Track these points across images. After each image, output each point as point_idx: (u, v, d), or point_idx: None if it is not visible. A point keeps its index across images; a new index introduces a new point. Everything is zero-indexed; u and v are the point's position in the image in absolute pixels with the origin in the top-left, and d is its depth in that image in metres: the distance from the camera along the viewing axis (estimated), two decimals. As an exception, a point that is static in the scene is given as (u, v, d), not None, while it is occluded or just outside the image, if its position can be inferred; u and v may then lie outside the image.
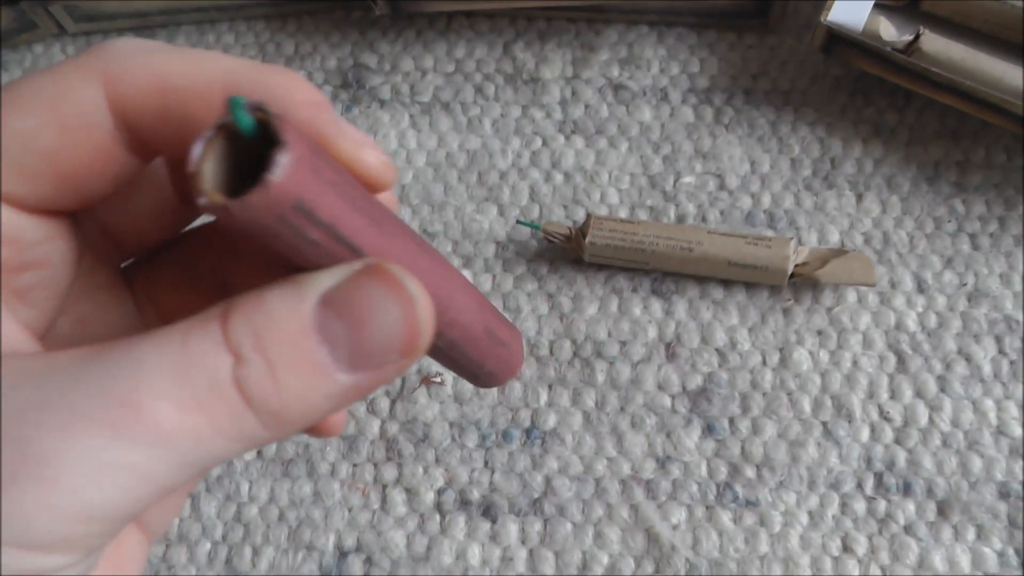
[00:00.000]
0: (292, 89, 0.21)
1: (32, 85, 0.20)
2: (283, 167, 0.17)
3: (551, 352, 0.46)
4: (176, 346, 0.19)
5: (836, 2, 0.47)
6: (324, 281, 0.19)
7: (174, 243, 0.26)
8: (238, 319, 0.19)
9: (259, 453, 0.45)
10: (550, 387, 0.46)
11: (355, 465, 0.45)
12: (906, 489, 0.43)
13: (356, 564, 0.43)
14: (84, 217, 0.24)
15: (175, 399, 0.18)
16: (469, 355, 0.24)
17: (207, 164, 0.18)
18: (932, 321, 0.46)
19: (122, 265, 0.26)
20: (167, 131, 0.21)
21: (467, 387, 0.46)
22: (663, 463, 0.44)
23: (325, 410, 0.20)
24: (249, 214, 0.17)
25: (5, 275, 0.21)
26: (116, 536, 0.20)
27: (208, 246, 0.26)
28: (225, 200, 0.17)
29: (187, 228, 0.26)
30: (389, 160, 0.22)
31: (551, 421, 0.45)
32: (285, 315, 0.19)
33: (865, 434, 0.44)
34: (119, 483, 0.18)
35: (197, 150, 0.18)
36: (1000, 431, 0.44)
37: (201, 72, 0.20)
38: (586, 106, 0.52)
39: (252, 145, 0.18)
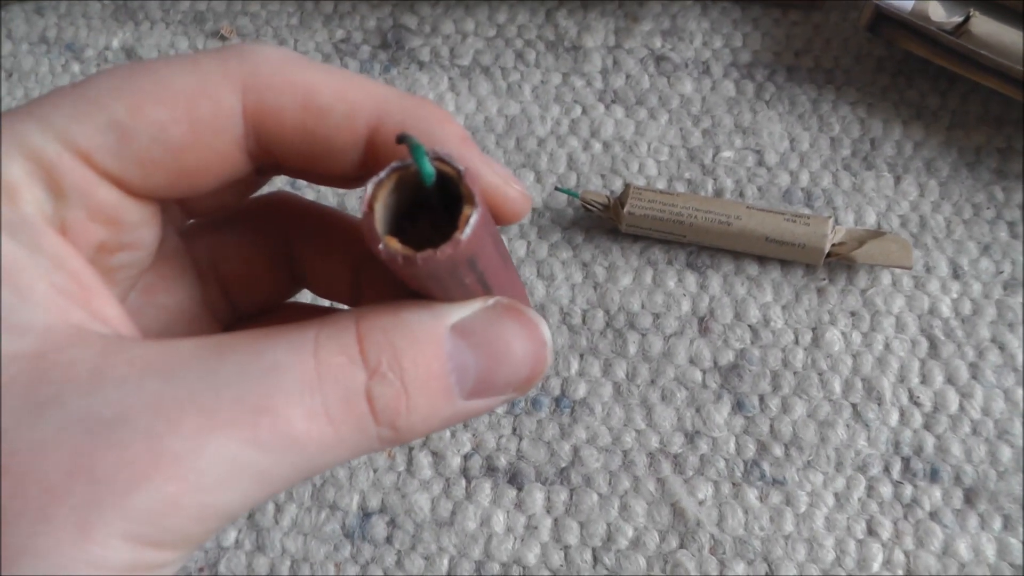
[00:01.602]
0: (442, 123, 0.21)
1: (172, 76, 0.20)
2: (472, 227, 0.18)
3: (583, 321, 0.46)
4: (310, 354, 0.19)
5: (887, -19, 0.46)
6: (459, 312, 0.20)
7: (239, 211, 0.26)
8: (376, 334, 0.19)
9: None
10: (581, 356, 0.46)
11: (382, 426, 0.45)
12: (933, 475, 0.43)
13: (379, 525, 0.43)
14: None
15: (307, 407, 0.18)
16: None
17: (379, 206, 0.18)
18: (967, 308, 0.46)
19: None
20: (301, 147, 0.21)
21: (497, 353, 0.46)
22: (691, 438, 0.44)
23: (436, 430, 0.21)
24: (430, 267, 0.18)
25: (103, 255, 0.21)
26: None
27: (277, 219, 0.26)
28: (411, 252, 0.18)
29: (253, 196, 0.26)
30: (527, 193, 0.22)
31: (581, 390, 0.45)
32: (424, 337, 0.20)
33: (894, 418, 0.44)
34: (245, 485, 0.18)
35: (369, 190, 0.18)
36: (1030, 421, 0.44)
37: (350, 96, 0.21)
38: (627, 76, 0.52)
39: (419, 189, 0.19)
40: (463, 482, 0.44)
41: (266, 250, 0.26)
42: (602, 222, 0.48)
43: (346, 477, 0.44)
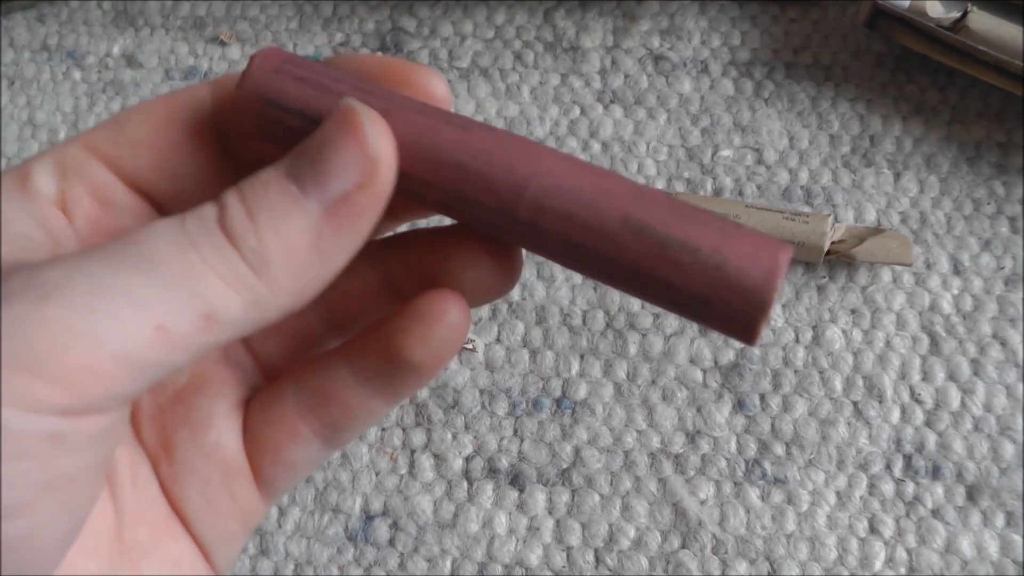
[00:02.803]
0: (363, 57, 0.24)
1: (159, 100, 0.24)
2: (249, 70, 0.23)
3: (584, 322, 0.46)
4: (176, 219, 0.21)
5: (884, -23, 0.46)
6: (299, 145, 0.22)
7: None
8: (226, 190, 0.21)
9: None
10: (582, 357, 0.46)
11: (384, 429, 0.45)
12: (935, 472, 0.43)
13: (382, 528, 0.44)
14: None
15: (171, 240, 0.20)
16: (601, 254, 0.21)
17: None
18: (968, 304, 0.46)
19: None
20: None
21: (498, 354, 0.46)
22: (693, 437, 0.44)
23: (307, 246, 0.21)
24: (241, 106, 0.23)
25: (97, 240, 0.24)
26: (137, 396, 0.20)
27: None
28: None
29: None
30: (446, 88, 0.24)
31: (582, 391, 0.45)
32: (263, 172, 0.21)
33: (896, 415, 0.44)
34: (128, 315, 0.19)
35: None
36: (1033, 416, 0.44)
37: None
38: (626, 76, 0.52)
39: None
40: (465, 484, 0.44)
41: None
42: (601, 223, 0.48)
43: (348, 480, 0.44)
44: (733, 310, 0.20)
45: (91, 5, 0.57)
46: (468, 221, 0.22)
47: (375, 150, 0.21)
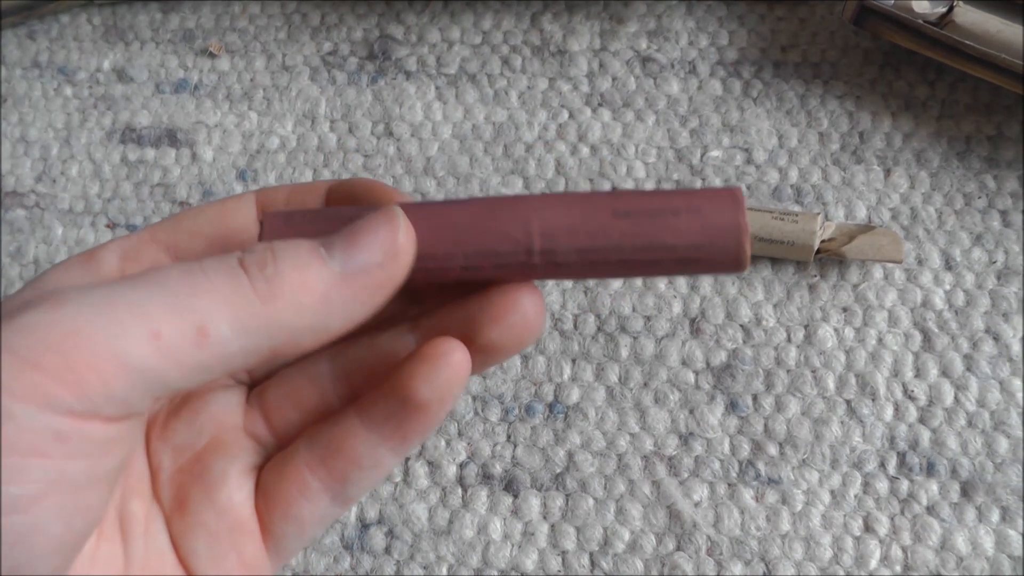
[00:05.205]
0: (366, 182, 0.29)
1: (211, 203, 0.29)
2: (264, 231, 0.26)
3: (575, 326, 0.46)
4: (194, 260, 0.23)
5: (868, -26, 0.46)
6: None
7: None
8: (255, 244, 0.24)
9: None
10: (574, 361, 0.46)
11: (378, 438, 0.45)
12: (930, 469, 0.43)
13: (378, 536, 0.44)
14: None
15: (183, 269, 0.22)
16: (607, 247, 0.25)
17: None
18: (960, 299, 0.46)
19: None
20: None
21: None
22: (686, 439, 0.44)
23: (317, 294, 0.23)
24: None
25: None
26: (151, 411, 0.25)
27: None
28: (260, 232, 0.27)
29: None
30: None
31: (574, 396, 0.45)
32: (294, 239, 0.24)
33: (889, 413, 0.44)
34: (127, 320, 0.21)
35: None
36: (1027, 411, 0.44)
37: (315, 183, 0.29)
38: (613, 79, 0.52)
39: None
40: (459, 491, 0.44)
41: None
42: (591, 226, 0.48)
43: (344, 489, 0.44)
44: (721, 246, 0.24)
45: (81, 21, 0.57)
46: (492, 273, 0.26)
47: (403, 242, 0.24)
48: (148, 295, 0.21)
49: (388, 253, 0.24)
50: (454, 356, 0.25)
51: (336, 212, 0.26)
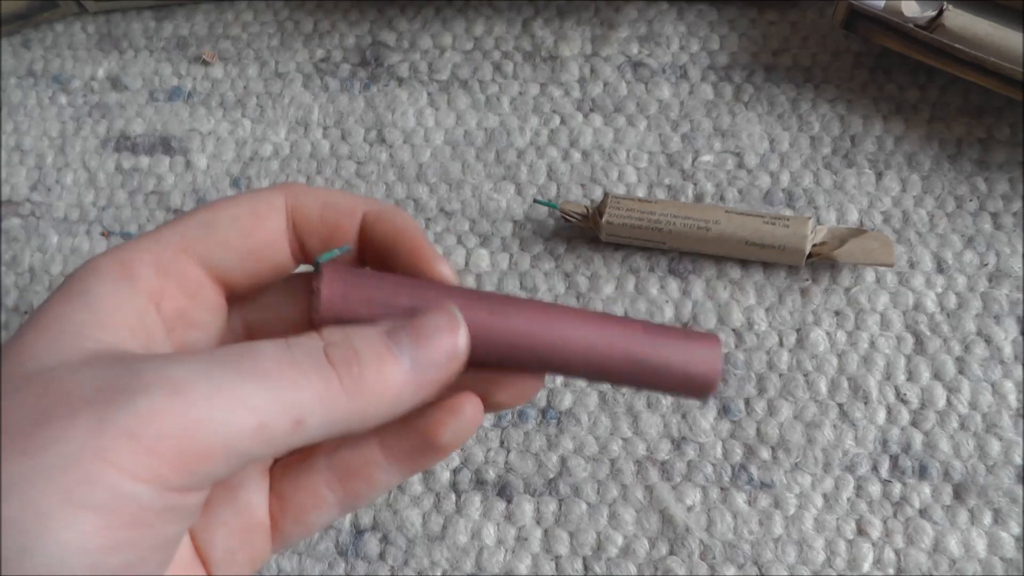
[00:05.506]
0: (402, 220, 0.30)
1: (239, 197, 0.30)
2: (319, 301, 0.28)
3: (567, 332, 0.46)
4: (283, 343, 0.26)
5: (857, -22, 0.46)
6: (392, 320, 0.28)
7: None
8: (329, 327, 0.27)
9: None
10: (566, 367, 0.46)
11: (372, 444, 0.45)
12: (922, 472, 0.43)
13: (372, 542, 0.44)
14: None
15: (277, 359, 0.25)
16: (607, 377, 0.30)
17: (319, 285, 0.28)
18: (951, 302, 0.46)
19: None
20: (320, 230, 0.30)
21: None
22: (678, 444, 0.44)
23: (393, 389, 0.26)
24: (322, 322, 0.28)
25: (182, 327, 0.29)
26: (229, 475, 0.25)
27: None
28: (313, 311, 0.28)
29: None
30: (453, 270, 0.30)
31: (567, 401, 0.45)
32: (365, 326, 0.27)
33: (881, 416, 0.44)
34: (240, 414, 0.24)
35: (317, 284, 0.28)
36: (1020, 414, 0.43)
37: (348, 198, 0.31)
38: (605, 84, 0.52)
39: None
40: (453, 496, 0.44)
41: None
42: (583, 231, 0.48)
43: (338, 496, 0.45)
44: (697, 391, 0.30)
45: (75, 29, 0.57)
46: (506, 365, 0.30)
47: (463, 347, 0.28)
48: (255, 388, 0.24)
49: (450, 356, 0.27)
50: (473, 410, 0.30)
51: (394, 287, 0.29)
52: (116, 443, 0.22)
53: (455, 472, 0.45)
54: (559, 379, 0.45)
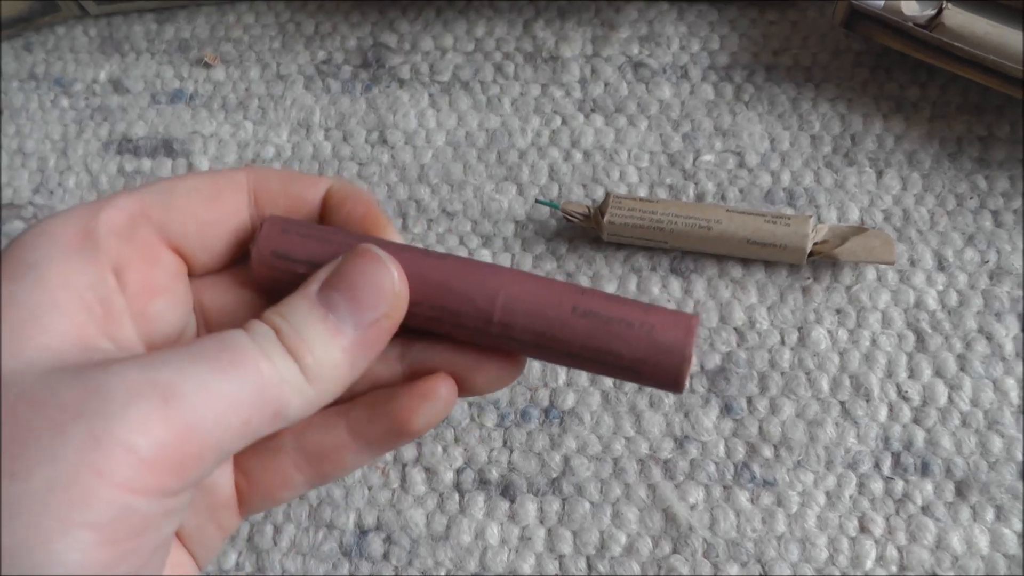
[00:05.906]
0: (364, 195, 0.30)
1: (201, 171, 0.33)
2: (260, 233, 0.29)
3: (569, 332, 0.47)
4: (245, 334, 0.26)
5: (857, -22, 0.46)
6: (321, 274, 0.27)
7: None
8: (267, 312, 0.26)
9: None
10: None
11: (376, 444, 0.45)
12: (924, 469, 0.43)
13: (376, 543, 0.44)
14: None
15: (252, 354, 0.25)
16: (559, 338, 0.27)
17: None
18: (952, 299, 0.46)
19: None
20: (287, 207, 0.30)
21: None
22: (681, 443, 0.44)
23: (347, 362, 0.26)
24: (258, 260, 0.29)
25: (146, 295, 0.28)
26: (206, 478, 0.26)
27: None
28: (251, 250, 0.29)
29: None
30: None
31: (570, 400, 0.45)
32: (298, 300, 0.27)
33: (883, 413, 0.44)
34: (229, 415, 0.24)
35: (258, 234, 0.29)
36: (1021, 410, 0.44)
37: (311, 176, 0.31)
38: (606, 84, 0.52)
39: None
40: (456, 496, 0.44)
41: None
42: (585, 231, 0.48)
43: (342, 496, 0.45)
44: (663, 366, 0.27)
45: (77, 32, 0.57)
46: (451, 331, 0.29)
47: (400, 289, 0.27)
48: (239, 388, 0.24)
49: (390, 304, 0.27)
50: (448, 392, 0.30)
51: (329, 236, 0.29)
52: (112, 458, 0.22)
53: (458, 472, 0.45)
54: (561, 379, 0.46)
